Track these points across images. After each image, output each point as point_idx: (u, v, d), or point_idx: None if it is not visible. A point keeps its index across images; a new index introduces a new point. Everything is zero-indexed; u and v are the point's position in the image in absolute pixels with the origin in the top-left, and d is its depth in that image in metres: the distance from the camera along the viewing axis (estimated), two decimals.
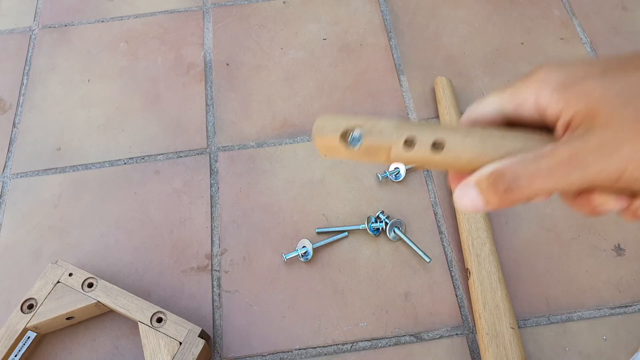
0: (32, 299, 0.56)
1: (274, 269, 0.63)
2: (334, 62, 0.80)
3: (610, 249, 0.63)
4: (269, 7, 0.86)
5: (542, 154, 0.25)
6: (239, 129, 0.74)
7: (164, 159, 0.72)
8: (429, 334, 0.58)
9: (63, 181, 0.70)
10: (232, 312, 0.60)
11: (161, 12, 0.87)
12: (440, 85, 0.74)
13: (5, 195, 0.69)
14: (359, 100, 0.76)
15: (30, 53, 0.83)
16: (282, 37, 0.83)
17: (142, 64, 0.81)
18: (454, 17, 0.84)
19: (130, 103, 0.77)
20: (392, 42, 0.82)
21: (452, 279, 0.61)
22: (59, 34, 0.85)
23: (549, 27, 0.83)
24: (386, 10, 0.85)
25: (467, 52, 0.80)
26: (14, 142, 0.74)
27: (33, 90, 0.79)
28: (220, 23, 0.85)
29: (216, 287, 0.62)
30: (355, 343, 0.58)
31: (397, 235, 0.64)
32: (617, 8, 0.84)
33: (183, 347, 0.53)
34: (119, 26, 0.85)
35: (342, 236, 0.64)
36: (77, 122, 0.75)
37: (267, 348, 0.58)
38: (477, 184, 0.27)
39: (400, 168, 0.68)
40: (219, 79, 0.79)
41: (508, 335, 0.54)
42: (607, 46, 0.80)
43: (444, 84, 0.74)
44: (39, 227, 0.67)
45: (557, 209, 0.66)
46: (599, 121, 0.23)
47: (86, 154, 0.72)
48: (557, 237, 0.64)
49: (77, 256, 0.64)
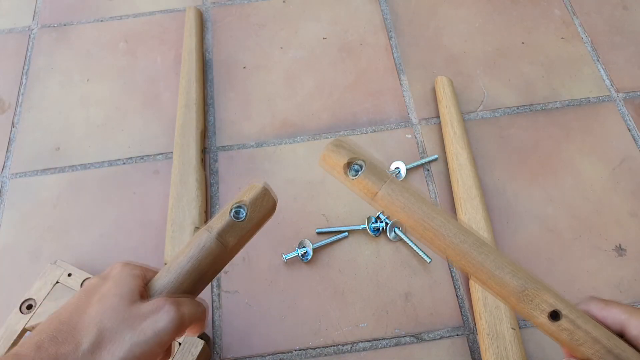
0: (31, 299, 0.56)
1: (273, 270, 0.62)
2: (334, 62, 0.80)
3: (611, 249, 0.63)
4: (269, 7, 0.86)
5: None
6: (238, 128, 0.74)
7: (163, 158, 0.71)
8: (429, 334, 0.58)
9: (62, 181, 0.70)
10: (231, 312, 0.60)
11: (160, 12, 0.86)
12: (441, 85, 0.74)
13: (4, 195, 0.69)
14: (359, 99, 0.76)
15: (29, 53, 0.83)
16: (282, 36, 0.83)
17: (141, 63, 0.81)
18: (454, 17, 0.84)
19: (129, 103, 0.77)
20: (393, 42, 0.81)
21: (452, 279, 0.61)
22: (58, 33, 0.85)
23: (549, 26, 0.82)
24: (386, 9, 0.85)
25: (468, 51, 0.80)
26: (13, 142, 0.74)
27: (32, 89, 0.79)
28: (220, 22, 0.85)
29: (216, 288, 0.62)
30: (355, 344, 0.58)
31: (397, 235, 0.63)
32: (618, 7, 0.84)
33: (182, 348, 0.53)
34: (118, 26, 0.85)
35: (342, 236, 0.64)
36: (76, 121, 0.75)
37: (266, 349, 0.58)
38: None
39: (400, 168, 0.68)
40: (219, 79, 0.79)
41: (509, 336, 0.54)
42: (608, 46, 0.80)
43: (445, 84, 0.74)
44: (38, 227, 0.66)
45: (558, 209, 0.66)
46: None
47: (85, 154, 0.72)
48: (558, 237, 0.64)
49: (76, 256, 0.64)
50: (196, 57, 0.77)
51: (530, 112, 0.74)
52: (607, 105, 0.74)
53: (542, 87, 0.76)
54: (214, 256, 0.38)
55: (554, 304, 0.34)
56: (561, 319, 0.33)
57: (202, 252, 0.37)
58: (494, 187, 0.68)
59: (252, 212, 0.39)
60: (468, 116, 0.74)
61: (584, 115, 0.74)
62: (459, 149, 0.67)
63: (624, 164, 0.69)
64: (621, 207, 0.66)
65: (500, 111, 0.74)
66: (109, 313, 0.33)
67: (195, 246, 0.37)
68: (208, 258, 0.37)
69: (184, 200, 0.64)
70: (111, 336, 0.32)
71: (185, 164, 0.67)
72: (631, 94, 0.75)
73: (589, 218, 0.65)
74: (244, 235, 0.39)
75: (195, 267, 0.37)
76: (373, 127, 0.73)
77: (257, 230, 0.40)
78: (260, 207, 0.40)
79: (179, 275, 0.37)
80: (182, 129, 0.70)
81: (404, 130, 0.73)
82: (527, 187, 0.68)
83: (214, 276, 0.39)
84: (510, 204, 0.66)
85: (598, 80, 0.77)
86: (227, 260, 0.39)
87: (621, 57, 0.79)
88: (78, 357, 0.31)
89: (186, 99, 0.73)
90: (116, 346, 0.32)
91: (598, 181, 0.68)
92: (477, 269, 0.36)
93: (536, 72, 0.78)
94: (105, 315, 0.33)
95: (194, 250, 0.37)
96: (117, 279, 0.35)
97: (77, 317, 0.33)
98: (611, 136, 0.71)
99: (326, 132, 0.73)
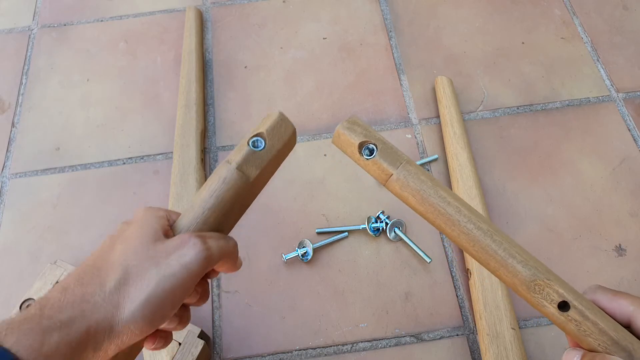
0: (31, 300, 0.56)
1: (273, 270, 0.62)
2: (334, 62, 0.80)
3: (611, 249, 0.63)
4: (269, 7, 0.86)
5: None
6: (238, 128, 0.74)
7: (163, 158, 0.71)
8: (429, 334, 0.58)
9: (62, 181, 0.70)
10: (231, 312, 0.60)
11: (160, 12, 0.86)
12: (441, 85, 0.74)
13: (4, 195, 0.69)
14: (359, 99, 0.76)
15: (29, 52, 0.83)
16: (282, 36, 0.83)
17: (141, 63, 0.81)
18: (454, 17, 0.84)
19: (129, 103, 0.77)
20: (393, 42, 0.81)
21: (452, 279, 0.61)
22: (58, 33, 0.85)
23: (549, 26, 0.82)
24: (386, 9, 0.85)
25: (468, 51, 0.80)
26: (13, 142, 0.74)
27: (32, 89, 0.79)
28: (220, 22, 0.85)
29: (216, 288, 0.62)
30: (355, 344, 0.58)
31: (397, 235, 0.63)
32: (617, 7, 0.84)
33: (182, 348, 0.53)
34: (118, 25, 0.85)
35: (342, 236, 0.64)
36: (76, 121, 0.75)
37: (266, 349, 0.58)
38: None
39: None
40: (219, 79, 0.79)
41: (509, 336, 0.54)
42: (608, 46, 0.80)
43: (445, 84, 0.74)
44: (38, 227, 0.66)
45: (558, 209, 0.66)
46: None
47: (85, 154, 0.72)
48: (558, 237, 0.64)
49: (76, 256, 0.64)
50: (196, 57, 0.77)
51: (530, 112, 0.74)
52: (607, 105, 0.74)
53: (542, 87, 0.76)
54: (236, 189, 0.36)
55: (563, 294, 0.34)
56: (570, 309, 0.33)
57: (224, 185, 0.36)
58: (494, 187, 0.68)
59: (271, 140, 0.38)
60: (468, 116, 0.74)
61: (584, 115, 0.73)
62: (459, 149, 0.67)
63: (624, 164, 0.69)
64: (621, 207, 0.66)
65: (500, 111, 0.74)
66: (133, 252, 0.32)
67: (217, 180, 0.36)
68: (230, 191, 0.36)
69: (184, 200, 0.64)
70: (137, 272, 0.32)
71: (185, 164, 0.67)
72: (631, 94, 0.75)
73: (589, 218, 0.65)
74: (265, 166, 0.38)
75: (218, 202, 0.36)
76: (373, 127, 0.73)
77: (280, 161, 0.39)
78: (279, 134, 0.39)
79: (203, 211, 0.36)
80: (182, 129, 0.70)
81: (404, 130, 0.73)
82: (527, 187, 0.68)
83: (241, 213, 0.38)
84: (510, 204, 0.66)
85: (598, 80, 0.77)
86: (252, 194, 0.38)
87: (621, 57, 0.79)
88: (105, 295, 0.31)
89: (186, 99, 0.73)
90: (143, 282, 0.31)
91: (598, 181, 0.68)
92: (489, 256, 0.35)
93: (536, 72, 0.78)
94: (129, 255, 0.32)
95: (215, 184, 0.36)
96: (140, 221, 0.35)
97: (101, 261, 0.33)
98: (611, 136, 0.71)
99: (326, 132, 0.73)
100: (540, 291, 0.34)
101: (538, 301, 0.34)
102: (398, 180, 0.36)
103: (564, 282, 0.34)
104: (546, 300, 0.34)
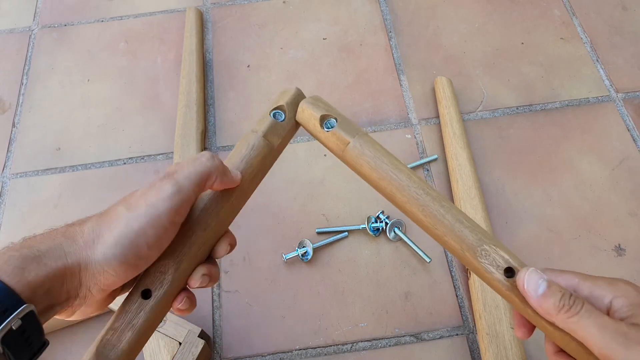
0: None
1: (274, 269, 0.63)
2: (334, 62, 0.80)
3: (611, 249, 0.63)
4: (269, 7, 0.86)
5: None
6: (238, 128, 0.74)
7: (163, 158, 0.72)
8: (429, 334, 0.58)
9: (63, 181, 0.70)
10: (231, 312, 0.60)
11: (161, 12, 0.87)
12: (441, 85, 0.74)
13: (5, 195, 0.69)
14: (358, 100, 0.76)
15: (29, 53, 0.83)
16: (282, 36, 0.83)
17: (141, 63, 0.81)
18: (454, 17, 0.84)
19: (129, 103, 0.77)
20: (392, 42, 0.82)
21: (452, 279, 0.61)
22: (58, 33, 0.85)
23: (549, 26, 0.83)
24: (386, 10, 0.85)
25: (467, 51, 0.80)
26: (13, 142, 0.74)
27: (33, 90, 0.79)
28: (220, 23, 0.85)
29: (216, 287, 0.62)
30: (355, 343, 0.58)
31: (397, 235, 0.63)
32: (617, 8, 0.84)
33: (183, 348, 0.53)
34: (119, 26, 0.85)
35: (342, 236, 0.64)
36: (76, 121, 0.75)
37: (266, 348, 0.58)
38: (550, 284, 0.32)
39: None
40: (219, 79, 0.79)
41: (508, 336, 0.54)
42: (608, 46, 0.80)
43: (444, 84, 0.74)
44: (38, 227, 0.66)
45: (558, 209, 0.66)
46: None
47: (86, 154, 0.72)
48: (557, 237, 0.64)
49: None
50: (196, 57, 0.77)
51: (530, 112, 0.74)
52: (607, 106, 0.74)
53: (541, 87, 0.76)
54: (262, 155, 0.40)
55: (509, 260, 0.34)
56: (515, 275, 0.34)
57: (252, 151, 0.39)
58: (493, 187, 0.68)
59: (290, 112, 0.42)
60: (467, 116, 0.74)
61: (583, 115, 0.74)
62: (458, 149, 0.67)
63: (624, 164, 0.69)
64: (620, 207, 0.66)
65: (499, 111, 0.74)
66: (120, 201, 0.35)
67: (245, 146, 0.40)
68: (258, 157, 0.40)
69: None
70: (110, 213, 0.34)
71: None
72: (631, 94, 0.75)
73: (588, 218, 0.65)
74: (285, 136, 0.42)
75: (247, 167, 0.39)
76: (373, 127, 0.73)
77: (295, 131, 0.44)
78: (296, 108, 0.43)
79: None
80: (183, 129, 0.70)
81: (404, 130, 0.73)
82: (527, 187, 0.68)
83: (261, 178, 0.41)
84: (509, 203, 0.66)
85: (597, 80, 0.77)
86: (272, 161, 0.42)
87: (621, 58, 0.79)
88: (83, 233, 0.33)
89: (186, 99, 0.73)
90: (113, 223, 0.33)
91: (597, 181, 0.68)
92: (438, 222, 0.36)
93: (536, 72, 0.78)
94: (116, 203, 0.35)
95: (245, 149, 0.40)
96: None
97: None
98: (610, 136, 0.71)
99: None
100: (487, 256, 0.35)
101: (484, 266, 0.35)
102: (354, 148, 0.39)
103: (510, 250, 0.35)
104: (492, 266, 0.34)
